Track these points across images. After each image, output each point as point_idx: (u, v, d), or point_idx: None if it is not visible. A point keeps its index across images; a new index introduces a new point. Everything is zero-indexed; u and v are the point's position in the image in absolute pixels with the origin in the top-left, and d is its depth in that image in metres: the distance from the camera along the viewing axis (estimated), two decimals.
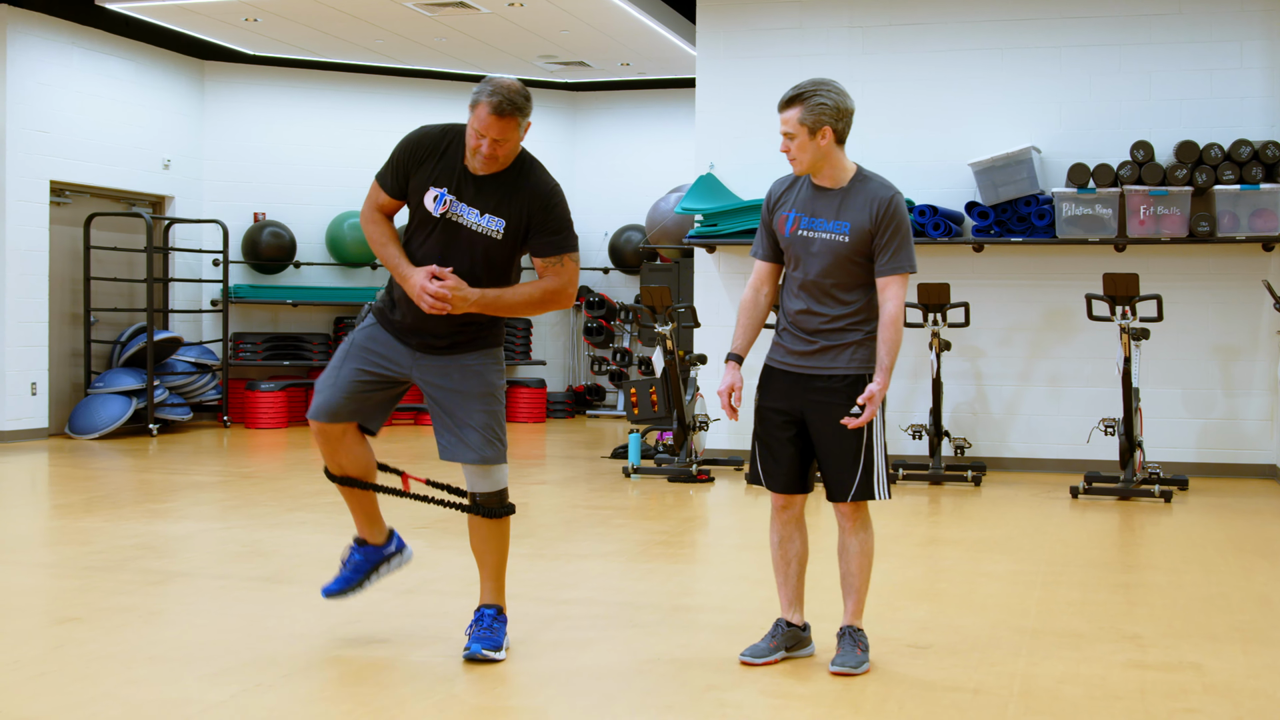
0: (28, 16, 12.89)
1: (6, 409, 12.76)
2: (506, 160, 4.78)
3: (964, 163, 11.05)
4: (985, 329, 11.09)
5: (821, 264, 4.76)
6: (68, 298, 13.85)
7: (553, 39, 13.97)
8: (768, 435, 4.90)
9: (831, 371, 4.77)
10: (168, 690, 4.56)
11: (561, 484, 10.27)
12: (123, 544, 7.31)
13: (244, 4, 12.66)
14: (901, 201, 4.76)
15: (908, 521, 8.60)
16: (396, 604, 5.86)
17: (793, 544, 4.99)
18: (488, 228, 4.79)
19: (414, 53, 14.81)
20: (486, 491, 4.96)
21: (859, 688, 4.62)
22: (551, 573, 6.71)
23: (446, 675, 4.76)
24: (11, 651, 5.04)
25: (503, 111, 4.63)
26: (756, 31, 11.66)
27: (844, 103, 4.77)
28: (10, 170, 12.74)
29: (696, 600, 5.80)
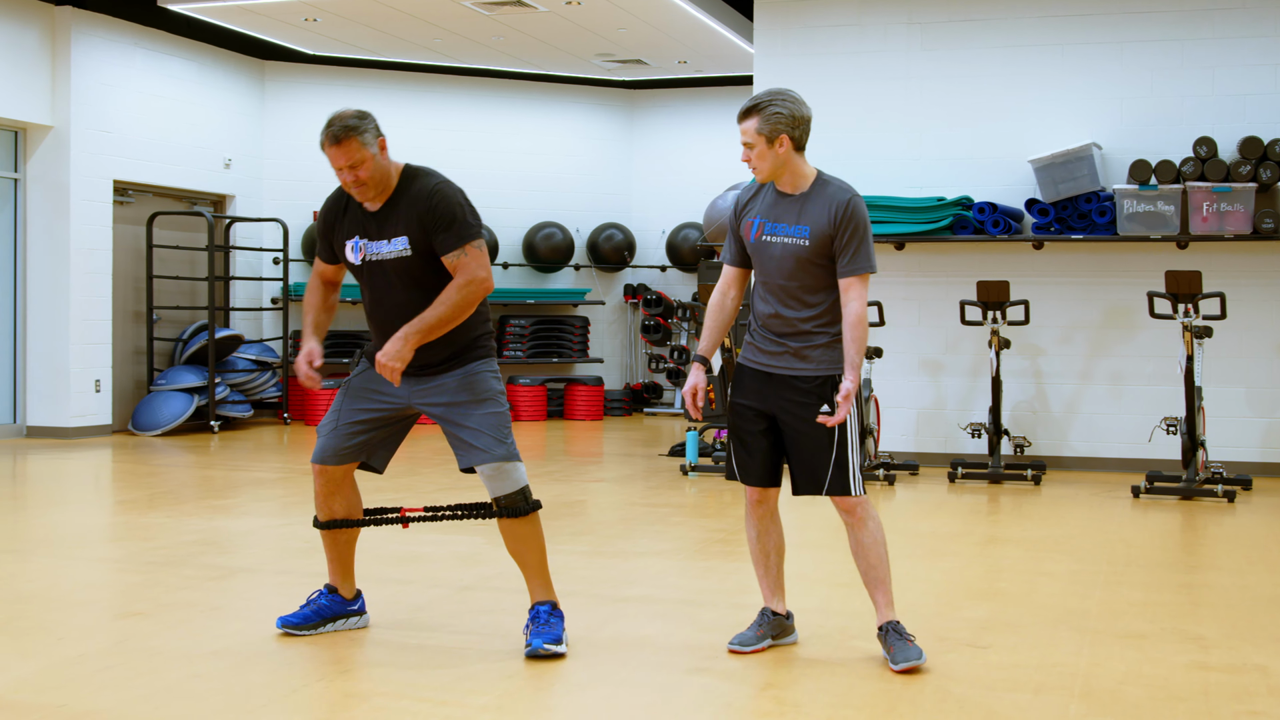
0: (91, 18, 13.04)
1: (71, 406, 12.92)
2: (378, 182, 4.90)
3: (1024, 159, 10.97)
4: (1045, 327, 11.00)
5: (785, 268, 4.86)
6: (131, 296, 14.00)
7: (610, 37, 13.98)
8: (741, 431, 5.03)
9: (800, 372, 4.88)
10: (231, 684, 4.60)
11: (619, 481, 10.28)
12: (185, 540, 7.38)
13: (304, 4, 12.74)
14: (860, 204, 4.83)
15: (967, 520, 8.55)
16: (455, 600, 5.88)
17: (770, 536, 5.12)
18: (397, 251, 4.91)
19: (472, 51, 14.86)
20: (508, 493, 4.98)
21: (918, 688, 4.60)
22: (609, 570, 6.71)
23: (506, 671, 4.77)
24: (77, 645, 5.09)
25: (338, 138, 4.80)
26: (814, 29, 11.62)
27: (799, 111, 4.84)
28: (75, 170, 12.90)
29: (754, 598, 5.75)
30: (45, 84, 12.85)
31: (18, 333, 13.00)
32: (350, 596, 5.36)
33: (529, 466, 11.13)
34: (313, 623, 5.25)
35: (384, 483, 9.19)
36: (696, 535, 7.85)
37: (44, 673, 4.71)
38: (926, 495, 9.61)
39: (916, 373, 11.33)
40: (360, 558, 6.72)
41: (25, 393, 13.03)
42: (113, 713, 4.27)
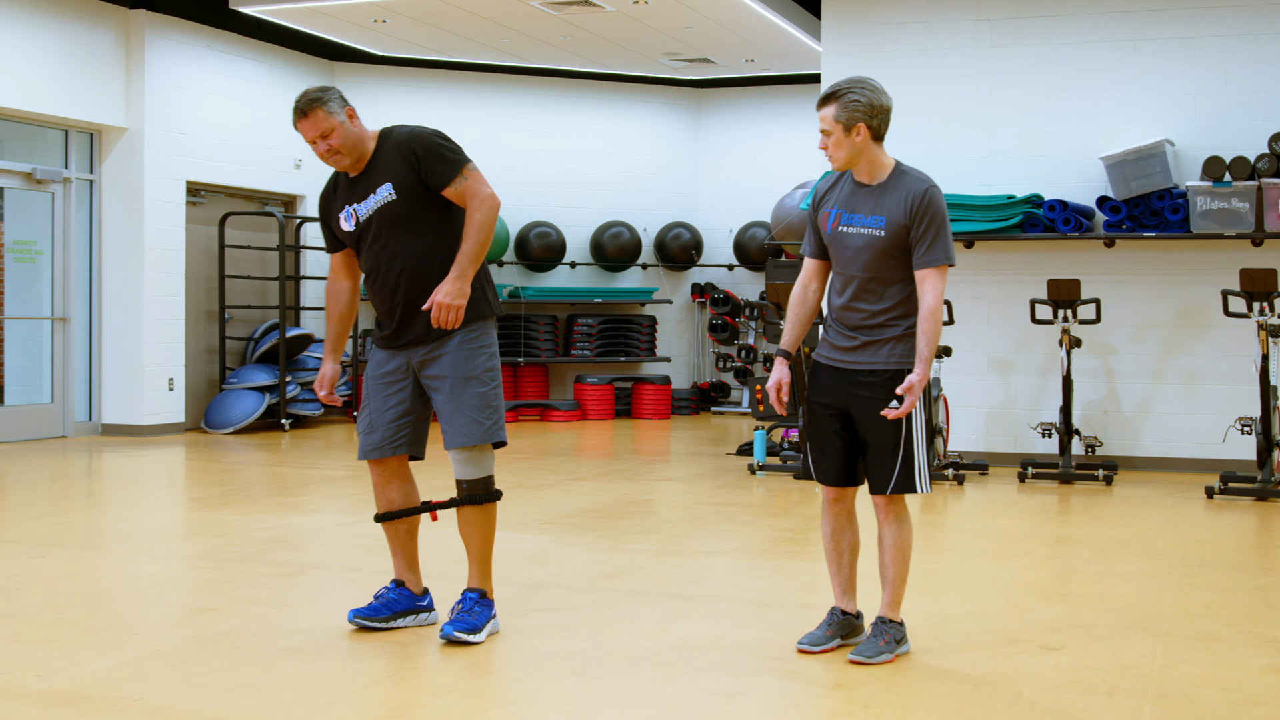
0: (165, 21, 13.19)
1: (145, 404, 13.08)
2: (353, 148, 5.05)
3: (1095, 156, 10.87)
4: (1117, 325, 10.89)
5: (861, 259, 4.82)
6: (203, 295, 14.15)
7: (677, 36, 13.97)
8: (816, 429, 5.01)
9: (872, 366, 4.85)
10: (303, 680, 4.63)
11: (686, 481, 10.27)
12: (257, 537, 7.44)
13: (373, 5, 12.83)
14: (937, 194, 4.78)
15: (1037, 521, 8.48)
16: (523, 598, 5.90)
17: (845, 536, 5.08)
18: (382, 199, 5.03)
19: (539, 51, 14.90)
20: (473, 478, 5.09)
21: (989, 689, 4.57)
22: (677, 569, 6.70)
23: (573, 669, 4.78)
24: (151, 641, 5.15)
25: (304, 111, 4.99)
26: (882, 26, 11.56)
27: (878, 100, 4.81)
28: (149, 171, 13.06)
29: (823, 598, 5.74)
30: (120, 87, 13.01)
31: (93, 332, 13.18)
32: (419, 592, 5.39)
33: (595, 466, 11.20)
34: (383, 616, 5.27)
35: None
36: (764, 534, 7.83)
37: (120, 667, 4.75)
38: (996, 495, 9.54)
39: (986, 372, 11.25)
40: (429, 555, 6.75)
41: (101, 391, 13.21)
42: (187, 707, 4.31)
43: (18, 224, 12.77)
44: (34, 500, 9.32)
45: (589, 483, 10.04)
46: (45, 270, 12.92)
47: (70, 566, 6.69)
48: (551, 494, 9.37)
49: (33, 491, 9.72)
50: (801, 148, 15.13)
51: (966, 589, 6.31)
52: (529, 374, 16.06)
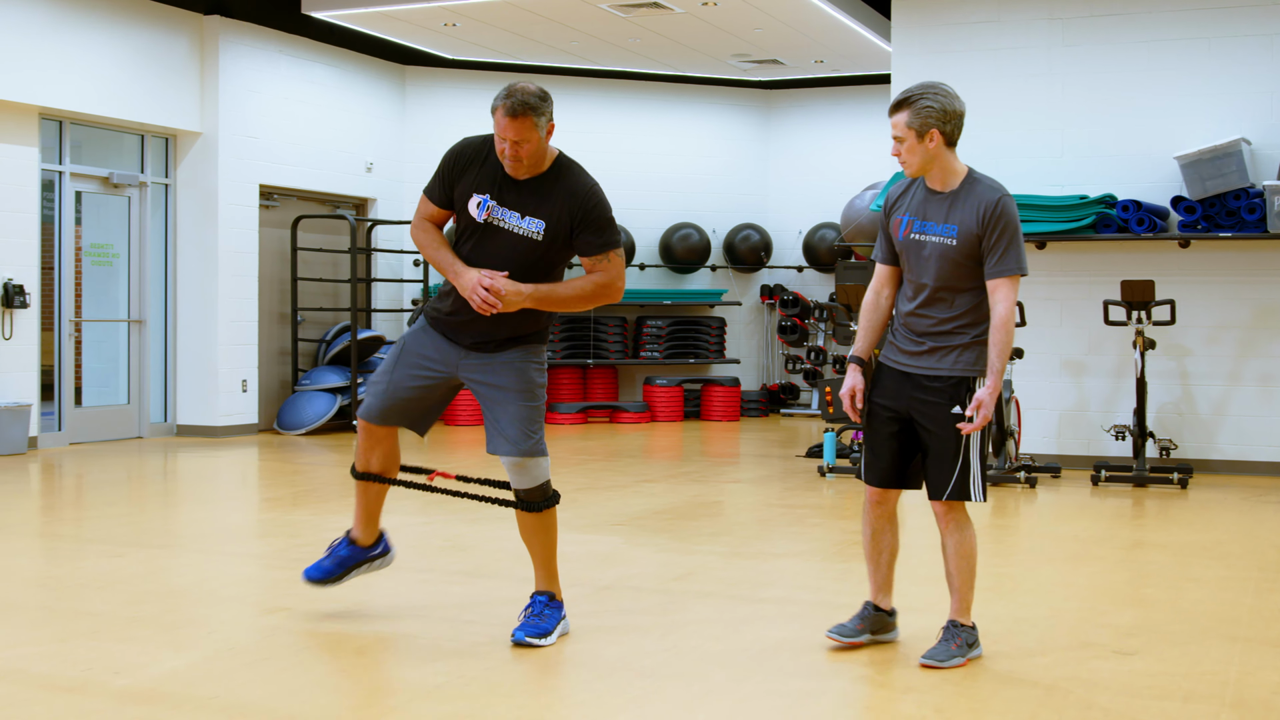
0: (238, 26, 13.33)
1: (220, 405, 13.22)
2: (533, 161, 4.95)
3: (1169, 156, 10.75)
4: (1192, 327, 10.76)
5: (932, 267, 4.82)
6: (276, 298, 14.28)
7: (746, 37, 13.95)
8: (873, 430, 5.03)
9: (937, 372, 4.85)
10: (375, 679, 4.68)
11: (756, 483, 10.25)
12: (329, 537, 7.37)
13: (444, 9, 12.90)
14: (1009, 203, 4.77)
15: (1111, 524, 8.40)
16: (593, 600, 5.91)
17: (884, 537, 5.10)
18: (528, 230, 4.96)
19: (608, 54, 14.92)
20: (528, 487, 5.10)
21: (1063, 694, 4.53)
22: (748, 571, 6.69)
23: (644, 670, 4.78)
24: (226, 639, 5.21)
25: (515, 113, 4.82)
26: (952, 26, 11.50)
27: (951, 105, 4.80)
28: (222, 175, 13.20)
29: (900, 603, 5.71)
30: (194, 92, 13.16)
31: (169, 334, 13.34)
32: (369, 543, 5.51)
33: (665, 467, 11.20)
34: (335, 575, 5.46)
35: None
36: (834, 537, 7.80)
37: (195, 665, 4.79)
38: (1069, 498, 9.46)
39: (1058, 374, 11.16)
40: (499, 554, 6.82)
41: (176, 392, 13.37)
42: (262, 705, 4.36)
43: (95, 228, 12.94)
44: (111, 500, 9.44)
45: (658, 484, 10.05)
46: (121, 273, 13.09)
47: (146, 566, 6.77)
48: (621, 495, 9.38)
49: (110, 491, 9.85)
50: (871, 149, 15.11)
51: (1039, 593, 6.26)
52: (598, 375, 16.09)
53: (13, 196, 11.70)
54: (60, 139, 12.32)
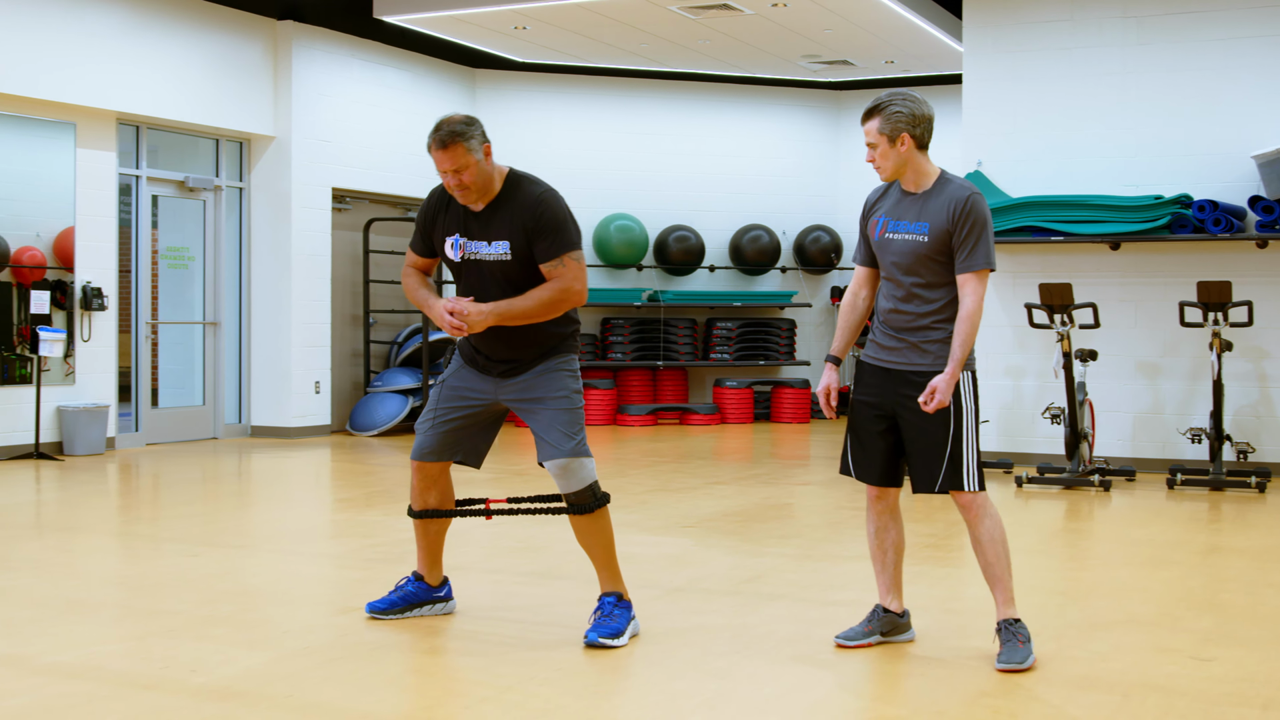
0: (311, 31, 13.45)
1: (293, 407, 13.34)
2: (480, 186, 5.09)
3: (1246, 155, 10.61)
4: (1270, 328, 10.61)
5: (904, 263, 4.96)
6: (348, 300, 14.39)
7: (816, 38, 13.91)
8: (859, 428, 5.13)
9: (917, 368, 4.96)
10: (448, 679, 4.70)
11: (826, 485, 10.21)
12: (401, 538, 7.51)
13: (514, 12, 12.94)
14: (979, 201, 4.90)
15: (1187, 528, 8.30)
16: (664, 602, 5.90)
17: (888, 533, 5.18)
18: (497, 253, 5.12)
19: (677, 56, 14.92)
20: (576, 490, 5.17)
21: (1139, 700, 4.48)
22: (819, 574, 6.67)
23: (715, 671, 4.77)
24: (301, 638, 5.25)
25: (445, 143, 5.00)
26: (1025, 25, 11.41)
27: (920, 109, 4.94)
28: (296, 179, 13.32)
29: (966, 604, 5.69)
30: (268, 96, 13.29)
31: (243, 336, 13.48)
32: (436, 584, 5.58)
33: (735, 469, 11.18)
34: (399, 608, 5.50)
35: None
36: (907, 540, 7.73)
37: (270, 664, 4.84)
38: (1144, 502, 9.36)
39: (1133, 376, 11.04)
40: (570, 558, 6.83)
41: (250, 394, 13.50)
42: (336, 704, 4.39)
43: (171, 231, 13.10)
44: (187, 500, 9.54)
45: (728, 486, 10.03)
46: (197, 276, 13.24)
47: (222, 565, 6.83)
48: (691, 497, 9.38)
49: (185, 491, 9.96)
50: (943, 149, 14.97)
51: (1114, 597, 6.20)
52: (668, 377, 16.09)
53: (91, 201, 11.88)
54: (137, 144, 12.49)
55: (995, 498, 9.55)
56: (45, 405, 11.46)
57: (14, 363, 11.38)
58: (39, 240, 11.62)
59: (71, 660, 4.89)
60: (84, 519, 8.62)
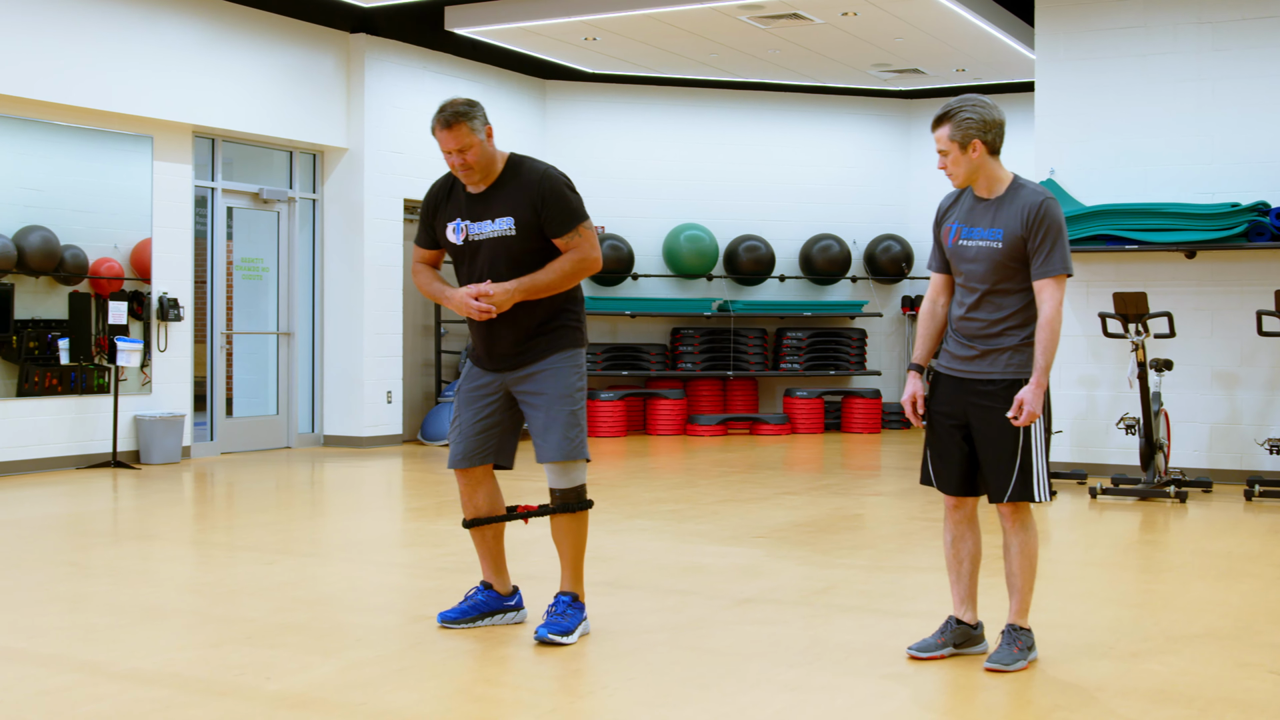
0: (383, 44, 13.55)
1: (365, 416, 13.42)
2: (484, 167, 5.25)
3: None
4: None
5: (978, 270, 4.94)
6: (419, 310, 14.47)
7: (886, 47, 13.84)
8: (936, 438, 5.11)
9: (989, 376, 4.95)
10: (518, 689, 4.71)
11: (897, 496, 10.14)
12: (472, 547, 7.48)
13: (584, 24, 12.96)
14: (1053, 206, 4.88)
15: (1265, 541, 8.17)
16: (735, 613, 5.89)
17: (965, 543, 5.15)
18: (500, 230, 5.23)
19: (747, 65, 14.89)
20: (564, 488, 5.31)
21: (1217, 714, 4.41)
22: (891, 585, 6.63)
23: (788, 683, 4.75)
24: (374, 646, 5.27)
25: (449, 123, 5.16)
26: (1098, 32, 11.30)
27: (990, 115, 4.94)
28: (368, 190, 13.42)
29: (1040, 617, 5.61)
30: (341, 108, 13.41)
31: (316, 346, 13.59)
32: (506, 593, 5.64)
33: (804, 480, 11.14)
34: (470, 618, 5.55)
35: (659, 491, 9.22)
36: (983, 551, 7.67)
37: (344, 671, 4.86)
38: (1221, 514, 9.23)
39: (1209, 386, 10.89)
40: (640, 568, 6.82)
41: (323, 403, 13.61)
42: (408, 712, 4.41)
43: (245, 242, 13.24)
44: (261, 508, 9.61)
45: (799, 497, 9.98)
46: (271, 286, 13.37)
47: (296, 573, 6.88)
48: (761, 508, 9.34)
49: (260, 500, 10.05)
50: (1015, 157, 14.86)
51: (1191, 610, 6.11)
52: (738, 387, 16.06)
53: (168, 212, 12.02)
54: (213, 156, 12.62)
55: (1069, 509, 9.45)
56: (122, 414, 11.60)
57: (92, 372, 11.53)
58: (116, 252, 11.77)
59: (148, 666, 4.93)
60: (160, 527, 8.70)
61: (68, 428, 11.30)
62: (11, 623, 5.67)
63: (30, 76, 10.86)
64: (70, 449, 11.32)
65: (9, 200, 11.08)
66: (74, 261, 11.38)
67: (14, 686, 4.66)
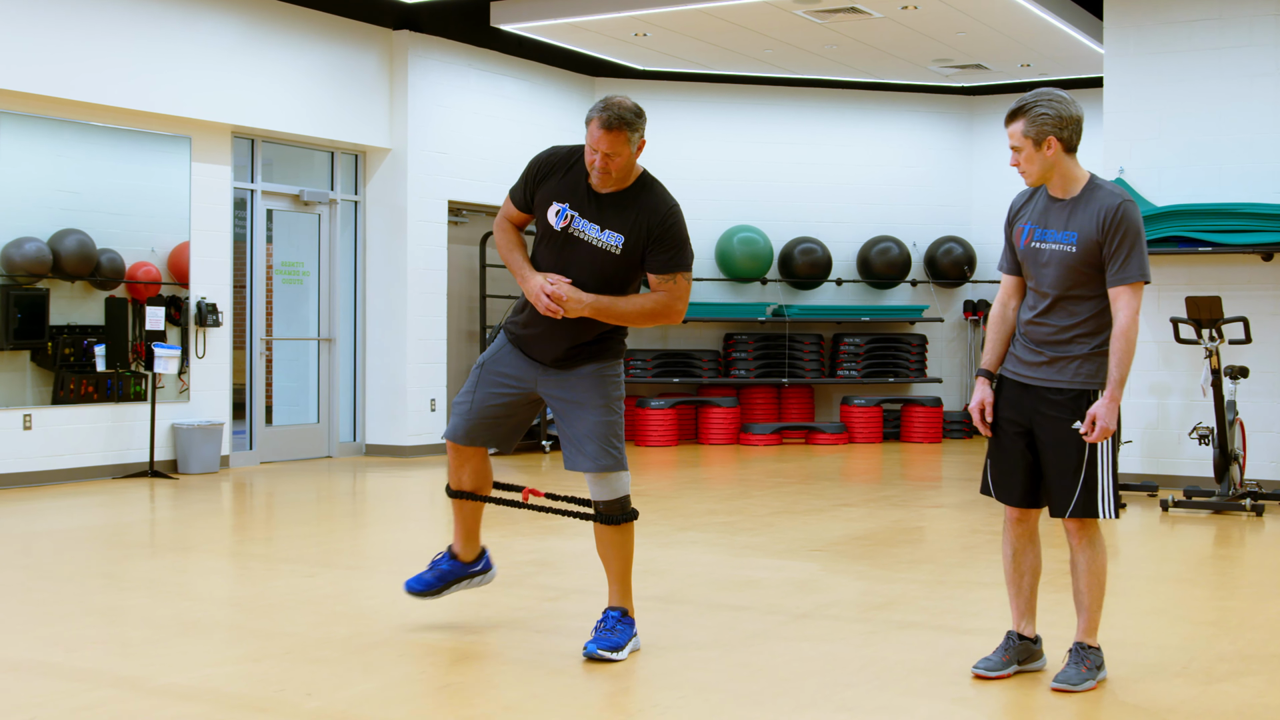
0: (427, 41, 13.31)
1: (408, 425, 13.18)
2: (622, 175, 5.07)
3: None
4: None
5: (1051, 274, 4.79)
6: (464, 315, 14.24)
7: (948, 41, 13.54)
8: (1000, 446, 4.97)
9: (1057, 384, 4.80)
10: (567, 705, 4.57)
11: (959, 508, 9.82)
12: (519, 559, 7.40)
13: (634, 19, 12.75)
14: (1131, 209, 4.71)
15: None
16: (791, 629, 5.79)
17: (1026, 558, 5.02)
18: (606, 243, 5.09)
19: (803, 61, 14.63)
20: (608, 500, 5.22)
21: None
22: (953, 600, 6.45)
23: (846, 702, 4.62)
24: (416, 663, 5.19)
25: (611, 125, 4.95)
26: (1170, 25, 10.91)
27: (1067, 111, 4.76)
28: (412, 191, 13.18)
29: (1110, 635, 5.40)
30: (384, 108, 13.17)
31: (358, 352, 13.35)
32: (471, 559, 5.68)
33: (862, 491, 10.87)
34: (435, 588, 5.63)
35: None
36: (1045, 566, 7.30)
37: (385, 689, 4.78)
38: None
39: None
40: (692, 582, 6.70)
41: (364, 411, 13.36)
42: None
43: (285, 246, 13.03)
44: (301, 520, 9.51)
45: (857, 509, 9.76)
46: (311, 291, 13.14)
47: (337, 586, 6.85)
48: (818, 520, 9.14)
49: (300, 511, 9.93)
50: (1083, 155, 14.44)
51: (1269, 629, 5.93)
52: (793, 395, 15.74)
53: (206, 215, 11.82)
54: (252, 157, 12.42)
55: (1140, 522, 9.22)
56: (160, 423, 11.39)
57: (129, 379, 11.32)
58: (154, 255, 11.57)
59: (187, 682, 4.89)
60: (198, 538, 8.63)
61: (104, 436, 11.09)
62: (48, 636, 5.64)
63: (66, 76, 10.68)
64: (106, 458, 11.12)
65: (44, 203, 10.91)
66: (110, 266, 11.19)
67: (50, 701, 4.61)
